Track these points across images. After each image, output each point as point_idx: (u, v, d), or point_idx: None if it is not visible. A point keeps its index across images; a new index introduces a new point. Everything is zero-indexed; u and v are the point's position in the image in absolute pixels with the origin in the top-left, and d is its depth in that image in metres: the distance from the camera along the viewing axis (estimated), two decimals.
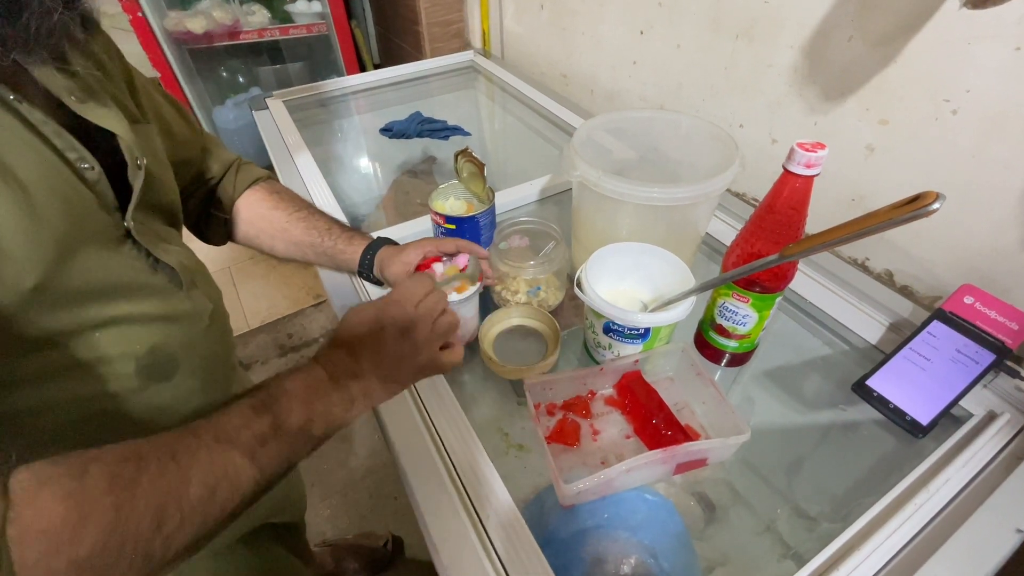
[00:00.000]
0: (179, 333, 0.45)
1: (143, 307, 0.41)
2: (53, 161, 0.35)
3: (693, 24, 0.87)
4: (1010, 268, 0.61)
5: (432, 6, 1.52)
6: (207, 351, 0.49)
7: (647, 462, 0.47)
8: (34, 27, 0.31)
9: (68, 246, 0.35)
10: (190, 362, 0.46)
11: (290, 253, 0.62)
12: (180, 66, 1.75)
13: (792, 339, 0.67)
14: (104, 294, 0.38)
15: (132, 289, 0.41)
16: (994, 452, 0.51)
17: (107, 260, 0.39)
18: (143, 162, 0.42)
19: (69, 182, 0.36)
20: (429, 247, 0.60)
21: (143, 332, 0.41)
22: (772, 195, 0.46)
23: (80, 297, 0.37)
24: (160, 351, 0.43)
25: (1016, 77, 0.55)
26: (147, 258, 0.42)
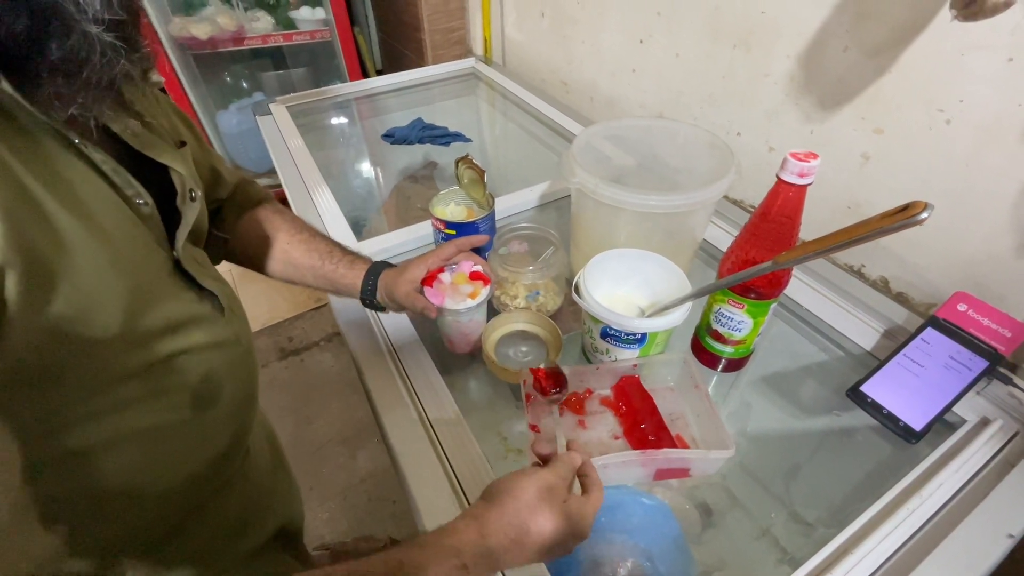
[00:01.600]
0: (224, 359, 0.45)
1: (195, 338, 0.41)
2: (117, 202, 0.35)
3: (692, 33, 0.88)
4: (1004, 275, 0.62)
5: (434, 13, 1.54)
6: (245, 374, 0.49)
7: (624, 461, 0.48)
8: (94, 80, 0.31)
9: (142, 286, 0.36)
10: (232, 387, 0.46)
11: (289, 275, 0.62)
12: (184, 71, 1.77)
13: (788, 345, 0.68)
14: (167, 329, 0.38)
15: (187, 320, 0.40)
16: (986, 458, 0.52)
17: (165, 294, 0.39)
18: (197, 194, 0.43)
19: (132, 221, 0.36)
20: (431, 259, 0.59)
21: (197, 362, 0.41)
22: (766, 203, 0.47)
23: (152, 335, 0.37)
24: (210, 377, 0.43)
25: (1008, 87, 0.56)
26: (194, 287, 0.42)
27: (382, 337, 0.65)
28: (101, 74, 0.31)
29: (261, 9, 1.82)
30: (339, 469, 1.44)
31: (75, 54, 0.30)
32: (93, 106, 0.32)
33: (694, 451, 0.52)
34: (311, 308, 1.86)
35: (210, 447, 0.46)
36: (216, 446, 0.46)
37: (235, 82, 2.03)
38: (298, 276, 0.61)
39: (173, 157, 0.41)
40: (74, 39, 0.29)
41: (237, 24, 1.75)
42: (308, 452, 1.47)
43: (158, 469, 0.42)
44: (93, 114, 0.33)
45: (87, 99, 0.31)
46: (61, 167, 0.32)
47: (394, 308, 0.61)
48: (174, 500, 0.45)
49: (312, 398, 1.61)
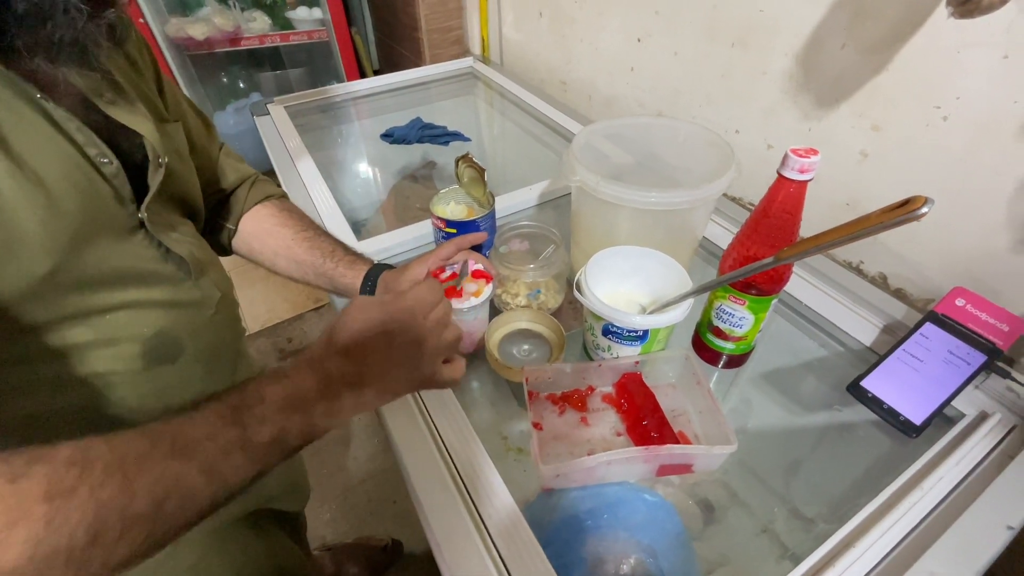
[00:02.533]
0: (185, 319, 0.47)
1: (152, 293, 0.43)
2: (72, 155, 0.37)
3: (690, 32, 0.89)
4: (1001, 271, 0.62)
5: (432, 13, 1.54)
6: (213, 337, 0.51)
7: (627, 457, 0.49)
8: (57, 36, 0.33)
9: (82, 235, 0.37)
10: (195, 347, 0.48)
11: (291, 271, 0.63)
12: (181, 72, 1.76)
13: (788, 341, 0.68)
14: (115, 280, 0.41)
15: (142, 276, 0.43)
16: (986, 451, 0.52)
17: (119, 249, 0.41)
18: (164, 160, 0.45)
19: (87, 175, 0.38)
20: (431, 260, 0.60)
21: (150, 316, 0.44)
22: (767, 200, 0.48)
23: (91, 282, 0.39)
24: (166, 335, 0.45)
25: (1004, 84, 0.56)
26: (158, 248, 0.44)
27: None
28: (63, 31, 0.33)
29: (258, 9, 1.81)
30: (340, 470, 1.44)
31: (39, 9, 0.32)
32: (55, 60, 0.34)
33: (697, 447, 0.52)
34: (311, 309, 1.86)
35: (170, 400, 0.47)
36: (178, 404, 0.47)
37: (232, 83, 2.02)
38: (300, 273, 0.62)
39: (147, 126, 0.43)
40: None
41: (234, 24, 1.75)
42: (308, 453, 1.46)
43: (109, 415, 0.43)
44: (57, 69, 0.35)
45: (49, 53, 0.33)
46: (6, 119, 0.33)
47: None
48: None
49: None
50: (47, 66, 0.34)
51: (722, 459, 0.51)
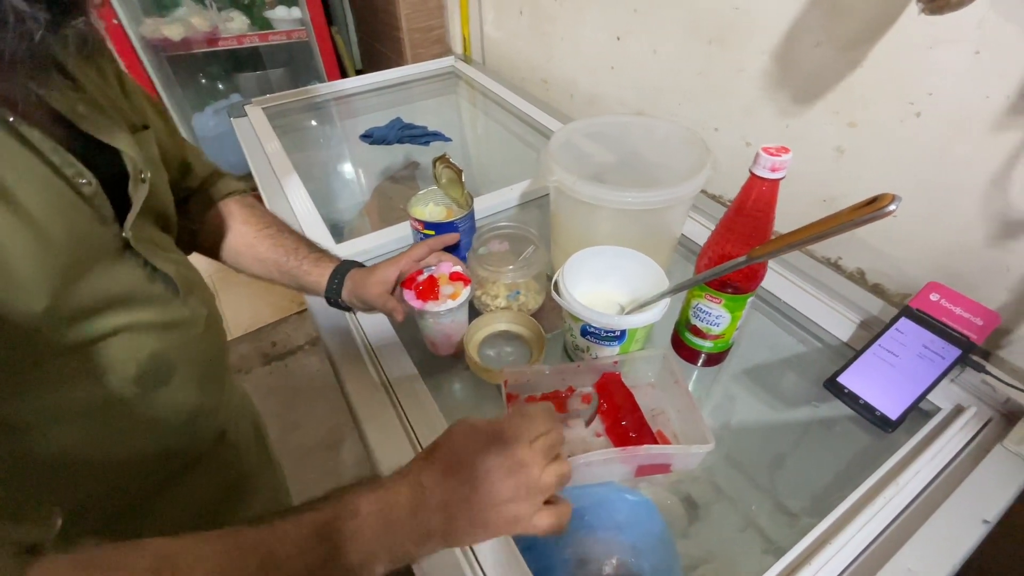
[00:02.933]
0: (176, 339, 0.45)
1: (142, 316, 0.42)
2: (52, 180, 0.35)
3: (668, 30, 0.89)
4: (975, 265, 0.63)
5: (412, 12, 1.53)
6: (203, 355, 0.49)
7: (605, 459, 0.48)
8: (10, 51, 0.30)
9: (74, 266, 0.36)
10: (187, 366, 0.47)
11: (254, 270, 0.61)
12: (158, 73, 1.73)
13: (768, 338, 0.68)
14: (107, 306, 0.39)
15: (132, 299, 0.41)
16: (961, 445, 0.53)
17: (109, 272, 0.39)
18: (147, 175, 0.43)
19: (68, 199, 0.36)
20: (404, 261, 0.59)
21: (143, 339, 0.42)
22: (740, 198, 0.48)
23: (85, 312, 0.37)
24: (159, 357, 0.43)
25: (976, 80, 0.57)
26: (145, 267, 0.43)
27: (362, 341, 0.64)
28: (16, 44, 0.30)
29: (235, 9, 1.79)
30: (327, 474, 1.42)
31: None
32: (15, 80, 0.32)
33: (674, 447, 0.52)
34: (294, 312, 1.84)
35: (166, 423, 0.46)
36: (174, 423, 0.47)
37: (211, 84, 2.00)
38: (264, 271, 0.61)
39: (125, 139, 0.41)
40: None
41: (211, 25, 1.72)
42: (295, 458, 1.45)
43: (106, 444, 0.42)
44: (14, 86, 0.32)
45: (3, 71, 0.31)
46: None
47: (362, 308, 0.61)
48: (129, 475, 0.45)
49: (297, 403, 1.60)
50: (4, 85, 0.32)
51: (700, 458, 0.51)
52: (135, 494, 0.47)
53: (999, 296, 0.62)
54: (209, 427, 0.52)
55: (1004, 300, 0.61)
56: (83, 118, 0.39)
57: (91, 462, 0.42)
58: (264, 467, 0.63)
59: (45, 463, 0.40)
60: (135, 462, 0.45)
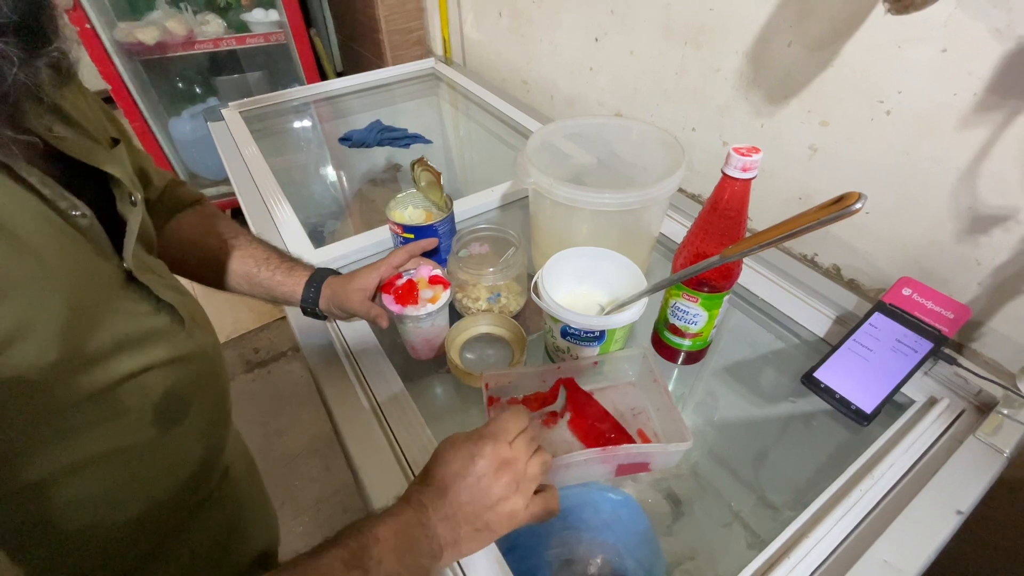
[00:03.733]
0: (187, 374, 0.42)
1: (154, 353, 0.38)
2: (49, 216, 0.32)
3: (645, 31, 0.89)
4: (946, 259, 0.64)
5: (391, 14, 1.52)
6: (212, 387, 0.46)
7: (585, 459, 0.49)
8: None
9: (82, 308, 0.33)
10: (200, 401, 0.44)
11: (220, 283, 0.59)
12: (132, 78, 1.70)
13: (746, 335, 0.69)
14: (120, 347, 0.36)
15: (142, 336, 0.38)
16: (935, 436, 0.53)
17: (115, 311, 0.36)
18: (137, 198, 0.40)
19: (68, 235, 0.33)
20: (383, 267, 0.58)
21: (157, 379, 0.39)
22: (714, 198, 0.48)
23: (99, 356, 0.34)
24: (172, 395, 0.40)
25: (943, 77, 0.58)
26: (149, 298, 0.40)
27: (342, 347, 0.64)
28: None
29: (211, 12, 1.76)
30: (312, 481, 1.41)
31: None
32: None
33: (652, 445, 0.53)
34: (277, 318, 1.82)
35: (181, 467, 0.44)
36: (187, 465, 0.44)
37: (188, 87, 1.96)
38: (232, 284, 0.58)
39: (112, 162, 0.38)
40: None
41: (187, 28, 1.69)
42: (279, 465, 1.44)
43: (125, 492, 0.39)
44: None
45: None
46: None
47: (341, 316, 0.60)
48: (147, 523, 0.42)
49: (281, 410, 1.58)
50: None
51: (679, 456, 0.51)
52: (150, 543, 0.44)
53: (970, 290, 0.63)
54: (218, 464, 0.50)
55: (975, 294, 0.63)
56: (63, 140, 0.35)
57: (109, 515, 0.39)
58: (259, 500, 0.61)
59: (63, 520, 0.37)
60: (152, 509, 0.42)
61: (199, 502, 0.48)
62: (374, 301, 0.58)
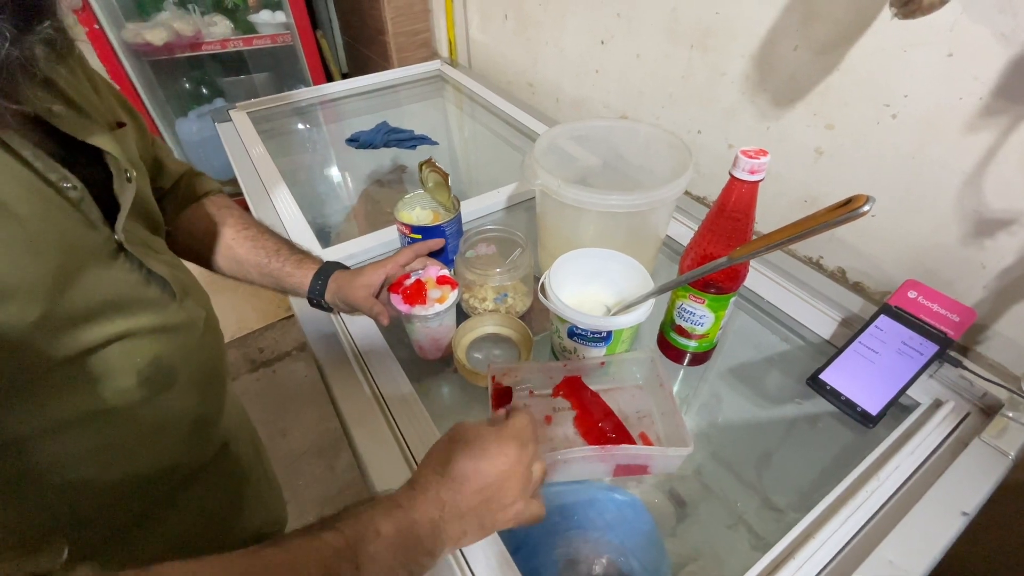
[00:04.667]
0: (176, 344, 0.44)
1: (141, 321, 0.41)
2: (38, 187, 0.34)
3: (651, 34, 0.90)
4: (951, 262, 0.64)
5: (398, 16, 1.53)
6: (203, 358, 0.48)
7: (582, 456, 0.49)
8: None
9: (66, 273, 0.35)
10: (188, 371, 0.46)
11: (233, 272, 0.60)
12: (140, 78, 1.71)
13: (752, 337, 0.69)
14: (104, 312, 0.38)
15: (129, 304, 0.40)
16: (940, 439, 0.54)
17: (103, 277, 0.38)
18: (132, 175, 0.42)
19: (56, 205, 0.35)
20: (390, 265, 0.59)
21: (143, 345, 0.41)
22: (721, 200, 0.48)
23: (81, 320, 0.36)
24: (160, 363, 0.42)
25: (949, 81, 0.58)
26: (140, 270, 0.42)
27: (350, 346, 0.64)
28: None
29: (219, 13, 1.77)
30: (316, 481, 1.41)
31: None
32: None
33: (652, 448, 0.53)
34: (281, 318, 1.83)
35: (170, 432, 0.45)
36: (175, 433, 0.46)
37: (194, 88, 1.98)
38: (242, 273, 0.60)
39: (105, 138, 0.40)
40: None
41: (194, 29, 1.70)
42: (284, 464, 1.44)
43: (109, 454, 0.41)
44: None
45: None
46: None
47: (345, 310, 0.61)
48: (134, 487, 0.44)
49: (286, 409, 1.58)
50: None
51: (679, 461, 0.51)
52: (140, 507, 0.46)
53: (975, 293, 0.63)
54: (212, 436, 0.51)
55: (980, 297, 0.63)
56: (59, 118, 0.38)
57: (94, 474, 0.41)
58: (263, 481, 0.63)
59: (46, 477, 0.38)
60: (140, 473, 0.44)
61: (192, 472, 0.49)
62: (379, 298, 0.59)
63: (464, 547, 0.41)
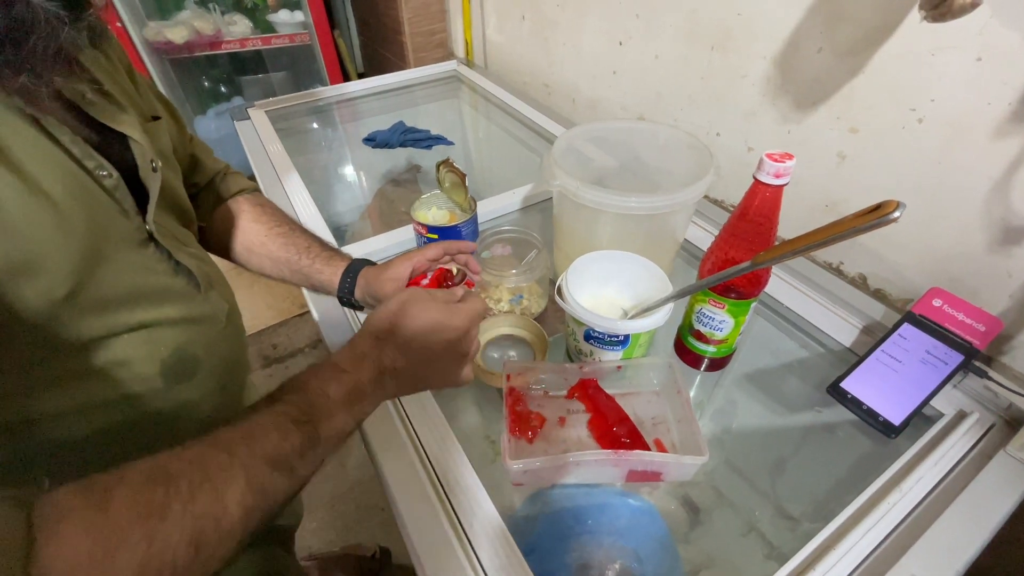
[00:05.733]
0: (200, 334, 0.46)
1: (166, 311, 0.42)
2: (74, 171, 0.36)
3: (670, 36, 0.89)
4: (976, 270, 0.63)
5: (415, 16, 1.53)
6: (225, 350, 0.50)
7: (595, 459, 0.49)
8: (41, 49, 0.31)
9: (95, 255, 0.36)
10: (210, 362, 0.47)
11: (264, 268, 0.61)
12: (160, 76, 1.74)
13: (770, 343, 0.68)
14: (130, 300, 0.39)
15: (156, 293, 0.41)
16: (964, 451, 0.53)
17: (132, 265, 0.40)
18: (158, 164, 0.43)
19: (90, 190, 0.37)
20: (417, 258, 0.59)
21: (167, 335, 0.42)
22: (744, 204, 0.48)
23: (109, 303, 0.38)
24: (182, 352, 0.44)
25: (977, 86, 0.57)
26: (168, 260, 0.43)
27: None
28: (47, 43, 0.31)
29: (239, 13, 1.79)
30: (327, 478, 1.42)
31: (20, 24, 0.30)
32: (42, 74, 0.33)
33: (666, 455, 0.52)
34: (295, 315, 1.84)
35: (187, 423, 0.46)
36: (194, 423, 0.47)
37: (213, 87, 2.00)
38: (275, 270, 0.61)
39: (134, 127, 0.42)
40: (18, 8, 0.30)
41: (214, 28, 1.72)
42: None
43: (124, 438, 0.42)
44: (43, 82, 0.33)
45: (35, 67, 0.32)
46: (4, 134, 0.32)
47: (373, 305, 0.61)
48: None
49: None
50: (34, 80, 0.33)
51: (694, 469, 0.51)
52: None
53: (1001, 302, 0.62)
54: None
55: (1006, 306, 0.61)
56: (91, 104, 0.39)
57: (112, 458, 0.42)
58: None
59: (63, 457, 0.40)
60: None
61: None
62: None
63: (406, 395, 0.46)
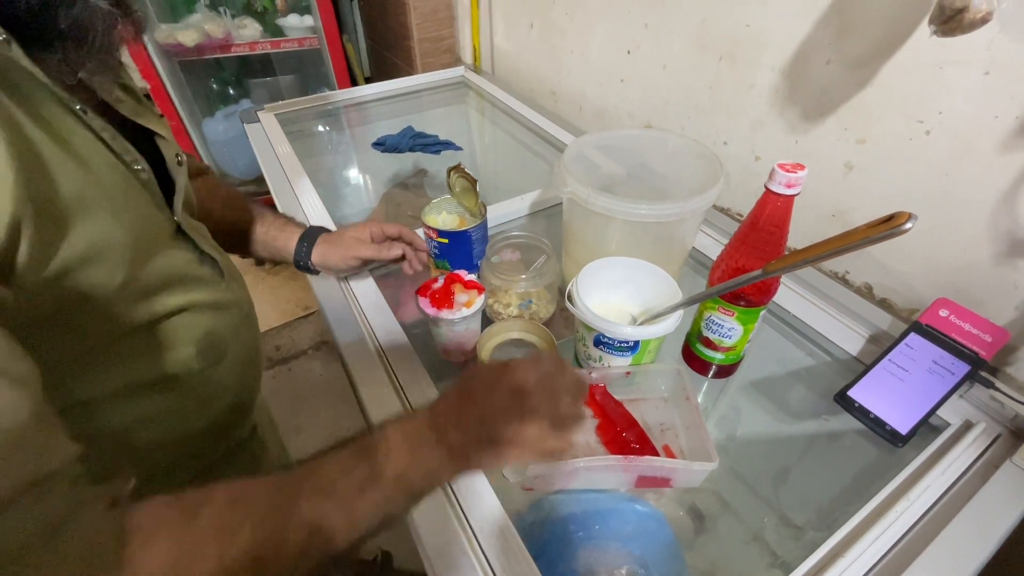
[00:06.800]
0: (226, 319, 0.48)
1: (196, 296, 0.44)
2: (117, 166, 0.37)
3: (678, 45, 0.90)
4: (983, 281, 0.63)
5: (423, 22, 1.54)
6: (248, 337, 0.52)
7: (605, 464, 0.49)
8: (98, 45, 0.33)
9: (142, 245, 0.38)
10: (236, 346, 0.50)
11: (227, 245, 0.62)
12: (170, 78, 1.75)
13: (777, 351, 0.69)
14: (170, 285, 0.41)
15: (187, 280, 0.43)
16: (970, 460, 0.53)
17: (168, 254, 0.42)
18: (183, 158, 0.45)
19: (132, 184, 0.39)
20: (373, 227, 0.63)
21: (199, 318, 0.45)
22: (755, 213, 0.48)
23: (153, 290, 0.40)
24: (214, 335, 0.46)
25: (985, 99, 0.57)
26: (195, 250, 0.45)
27: (375, 347, 0.65)
28: (104, 39, 0.33)
29: (249, 16, 1.81)
30: None
31: (80, 22, 0.32)
32: (99, 70, 0.35)
33: (676, 461, 0.52)
34: (298, 316, 1.85)
35: (216, 405, 0.49)
36: (221, 405, 0.50)
37: (222, 89, 2.01)
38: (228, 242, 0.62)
39: (158, 123, 0.44)
40: (78, 7, 0.31)
41: (224, 31, 1.74)
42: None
43: (170, 419, 0.45)
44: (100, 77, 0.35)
45: (93, 64, 0.34)
46: (64, 129, 0.34)
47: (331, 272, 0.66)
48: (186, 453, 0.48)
49: (301, 408, 1.60)
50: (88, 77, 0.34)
51: (703, 476, 0.51)
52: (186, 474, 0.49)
53: (1007, 313, 0.62)
54: (247, 416, 0.55)
55: (1012, 317, 0.62)
56: (121, 103, 0.41)
57: (156, 437, 0.44)
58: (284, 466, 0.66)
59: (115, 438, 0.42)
60: (192, 440, 0.48)
61: (230, 449, 0.54)
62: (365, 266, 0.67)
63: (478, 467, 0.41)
